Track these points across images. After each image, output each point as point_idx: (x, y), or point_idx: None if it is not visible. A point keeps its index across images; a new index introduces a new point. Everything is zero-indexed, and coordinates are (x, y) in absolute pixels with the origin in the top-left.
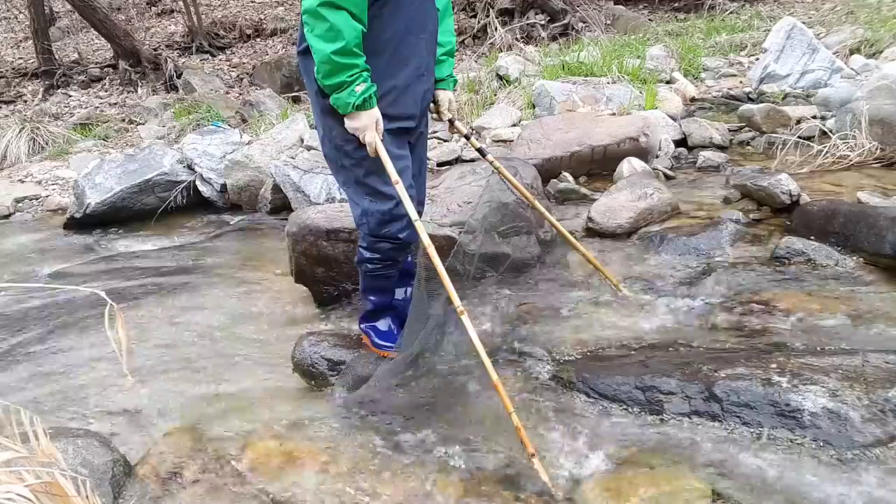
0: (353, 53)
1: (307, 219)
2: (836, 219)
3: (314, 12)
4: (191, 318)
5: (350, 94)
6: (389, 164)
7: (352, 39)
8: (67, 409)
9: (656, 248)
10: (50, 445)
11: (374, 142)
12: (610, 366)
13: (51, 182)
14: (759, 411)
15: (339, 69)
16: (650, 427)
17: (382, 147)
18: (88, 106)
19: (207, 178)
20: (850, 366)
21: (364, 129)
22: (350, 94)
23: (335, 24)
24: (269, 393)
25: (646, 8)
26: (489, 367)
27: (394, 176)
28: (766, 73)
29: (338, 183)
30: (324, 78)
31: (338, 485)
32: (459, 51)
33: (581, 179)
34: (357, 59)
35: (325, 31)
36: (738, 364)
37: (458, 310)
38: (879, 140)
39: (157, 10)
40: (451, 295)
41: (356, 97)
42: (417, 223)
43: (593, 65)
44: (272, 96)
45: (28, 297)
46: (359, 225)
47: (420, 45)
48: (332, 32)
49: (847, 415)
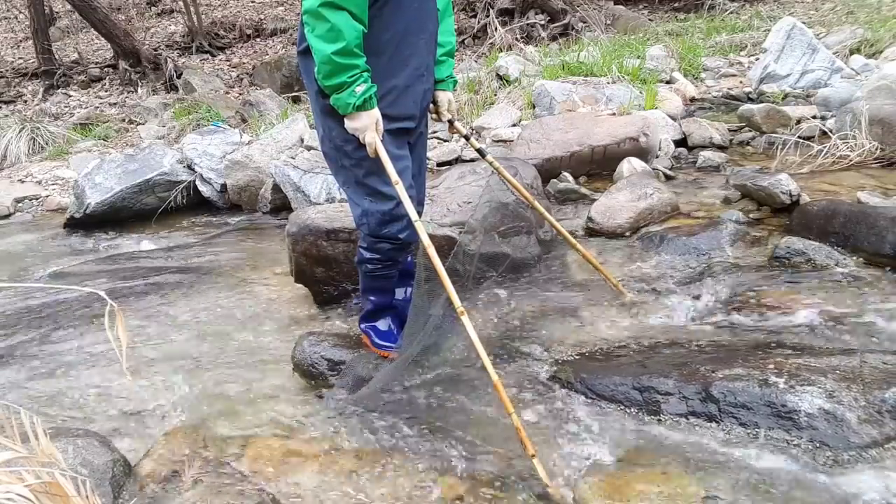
0: (354, 54)
1: (307, 219)
2: (836, 219)
3: (315, 12)
4: (191, 317)
5: (350, 95)
6: (389, 165)
7: (352, 40)
8: (67, 409)
9: (656, 248)
10: (50, 445)
11: (375, 142)
12: (608, 366)
13: (51, 182)
14: (755, 412)
15: (340, 70)
16: (648, 427)
17: (382, 148)
18: (88, 106)
19: (207, 178)
20: (848, 366)
21: (364, 129)
22: (350, 95)
23: (336, 24)
24: (269, 393)
25: (646, 8)
26: (489, 368)
27: (394, 176)
28: (766, 73)
29: (338, 183)
30: (324, 78)
31: (338, 485)
32: (459, 51)
33: (581, 179)
34: (357, 60)
35: (325, 32)
36: (735, 364)
37: (459, 310)
38: (879, 140)
39: (157, 10)
40: (452, 296)
41: (356, 98)
42: (417, 223)
43: (593, 65)
44: (272, 96)
45: (28, 297)
46: (359, 225)
47: (420, 45)
48: (332, 33)
49: (843, 416)
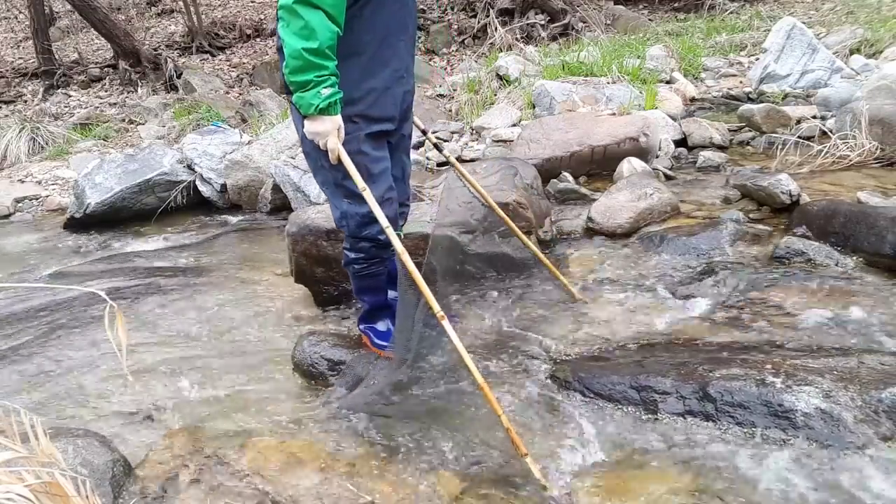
0: (325, 55)
1: (307, 219)
2: (836, 219)
3: (290, 8)
4: (191, 318)
5: (315, 96)
6: (354, 171)
7: (325, 41)
8: (67, 409)
9: (656, 248)
10: (50, 445)
11: (337, 148)
12: (606, 365)
13: (51, 182)
14: (752, 411)
15: (309, 67)
16: (645, 427)
17: (346, 154)
18: (88, 106)
19: (207, 178)
20: (846, 366)
21: (325, 134)
22: (315, 96)
23: (310, 22)
24: (269, 393)
25: (646, 8)
26: (474, 371)
27: (360, 184)
28: (766, 73)
29: (316, 182)
30: (291, 73)
31: (338, 485)
32: (460, 51)
33: (581, 179)
34: (328, 62)
35: (299, 29)
36: (733, 364)
37: (438, 315)
38: (879, 140)
39: (157, 10)
40: (430, 301)
41: (321, 100)
42: (388, 230)
43: (593, 65)
44: (272, 96)
45: (28, 297)
46: (339, 227)
47: (400, 46)
48: (306, 31)
49: (840, 416)
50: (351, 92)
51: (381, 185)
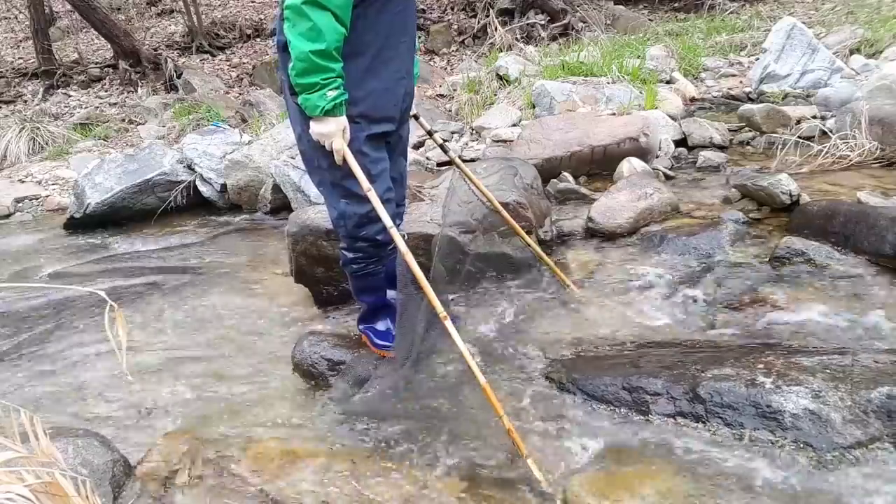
0: (332, 57)
1: (307, 219)
2: (836, 219)
3: (297, 9)
4: (191, 318)
5: (321, 98)
6: (360, 172)
7: (332, 42)
8: (67, 409)
9: (656, 248)
10: (50, 445)
11: (343, 149)
12: (601, 366)
13: (51, 182)
14: (741, 412)
15: (315, 70)
16: (636, 427)
17: (351, 155)
18: (88, 106)
19: (207, 178)
20: (839, 366)
21: (331, 135)
22: (321, 98)
23: (318, 24)
24: (269, 393)
25: (646, 8)
26: (476, 371)
27: (365, 184)
28: (766, 73)
29: (312, 182)
30: (297, 76)
31: (338, 485)
32: (459, 51)
33: (581, 179)
34: (335, 64)
35: (306, 30)
36: (725, 364)
37: (441, 315)
38: (879, 140)
39: (157, 10)
40: (433, 301)
41: (327, 101)
42: (392, 230)
43: (593, 65)
44: (272, 96)
45: (28, 297)
46: (336, 227)
47: (402, 47)
48: (313, 32)
49: (828, 416)
50: (353, 92)
51: (380, 186)
